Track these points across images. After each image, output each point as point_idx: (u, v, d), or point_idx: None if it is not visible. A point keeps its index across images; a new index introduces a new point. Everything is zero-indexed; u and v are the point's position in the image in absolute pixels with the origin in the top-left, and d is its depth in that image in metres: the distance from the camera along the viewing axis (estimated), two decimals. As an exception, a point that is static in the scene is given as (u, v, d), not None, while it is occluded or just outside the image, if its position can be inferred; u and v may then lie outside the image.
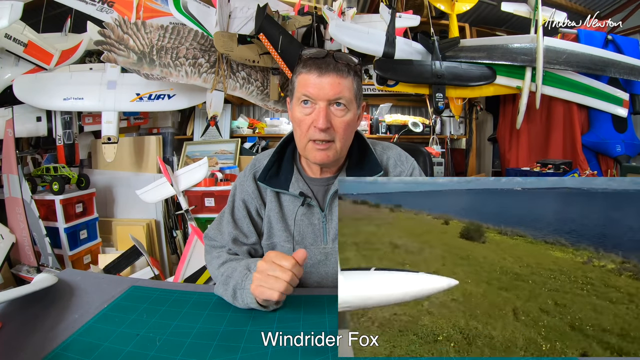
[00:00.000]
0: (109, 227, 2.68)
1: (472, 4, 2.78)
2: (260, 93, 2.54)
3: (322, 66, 0.78)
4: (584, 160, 2.73)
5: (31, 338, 0.62)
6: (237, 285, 0.73)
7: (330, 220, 0.87)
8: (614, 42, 2.73)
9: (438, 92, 2.52)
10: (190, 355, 0.57)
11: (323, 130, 0.78)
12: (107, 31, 2.18)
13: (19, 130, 2.36)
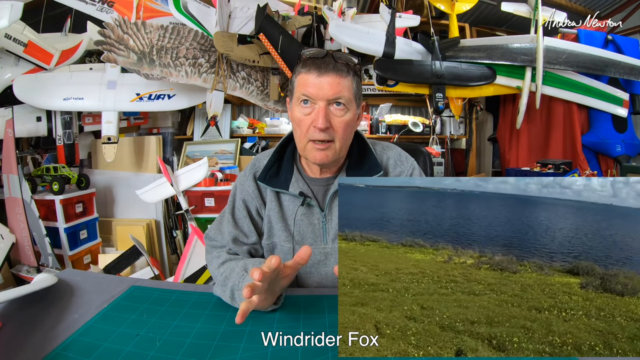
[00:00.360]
0: (109, 227, 2.68)
1: (472, 4, 2.78)
2: (260, 93, 2.54)
3: (321, 66, 0.78)
4: (584, 160, 2.73)
5: (31, 338, 0.62)
6: (235, 286, 0.73)
7: (330, 220, 0.87)
8: (614, 42, 2.73)
9: (438, 92, 2.52)
10: (190, 355, 0.57)
11: (322, 130, 0.78)
12: (107, 31, 2.18)
13: (19, 130, 2.36)
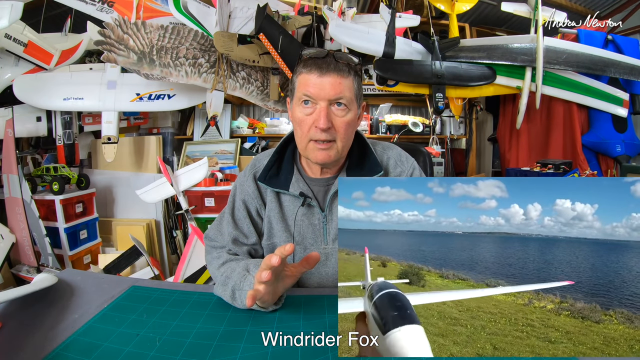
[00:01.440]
0: (109, 227, 2.68)
1: (472, 4, 2.78)
2: (260, 93, 2.54)
3: (322, 66, 0.78)
4: (584, 160, 2.73)
5: (31, 338, 0.62)
6: (236, 286, 0.73)
7: (330, 220, 0.87)
8: (614, 42, 2.73)
9: (438, 92, 2.52)
10: (190, 355, 0.57)
11: (324, 130, 0.78)
12: (107, 31, 2.18)
13: (19, 130, 2.36)
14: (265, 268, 0.63)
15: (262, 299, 0.67)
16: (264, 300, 0.68)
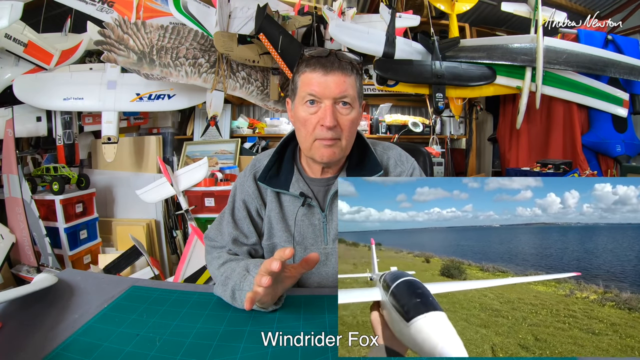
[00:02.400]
0: (109, 227, 2.68)
1: (472, 4, 2.78)
2: (260, 93, 2.54)
3: (326, 65, 0.78)
4: (584, 160, 2.73)
5: (31, 338, 0.62)
6: (236, 286, 0.73)
7: (330, 220, 0.87)
8: (614, 42, 2.73)
9: (438, 92, 2.52)
10: (190, 355, 0.57)
11: (330, 128, 0.78)
12: (107, 31, 2.18)
13: (19, 130, 2.36)
14: (265, 273, 0.63)
15: (262, 300, 0.67)
16: (263, 301, 0.68)
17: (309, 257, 0.68)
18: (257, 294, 0.64)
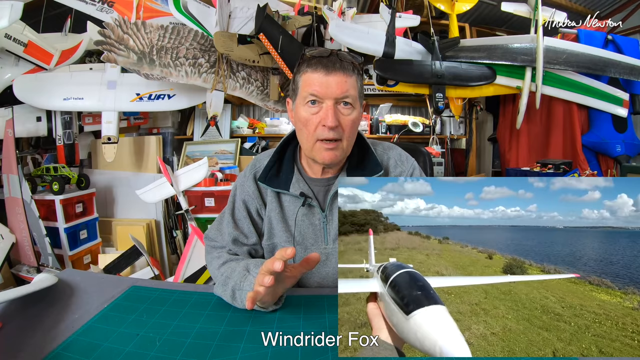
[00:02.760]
0: (109, 227, 2.68)
1: (472, 4, 2.78)
2: (260, 93, 2.54)
3: (328, 65, 0.78)
4: (584, 160, 2.73)
5: (31, 338, 0.62)
6: (236, 286, 0.73)
7: (330, 220, 0.87)
8: (614, 42, 2.73)
9: (438, 92, 2.52)
10: (190, 355, 0.57)
11: (332, 128, 0.78)
12: (107, 31, 2.18)
13: (19, 130, 2.36)
14: (266, 272, 0.63)
15: (262, 300, 0.67)
16: (264, 300, 0.68)
17: (309, 257, 0.68)
18: (258, 294, 0.64)
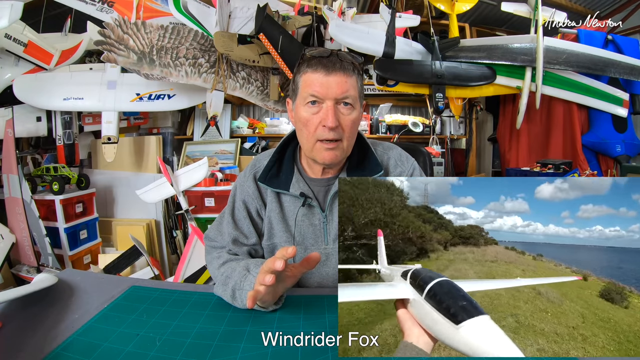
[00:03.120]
0: (109, 227, 2.68)
1: (472, 4, 2.78)
2: (260, 93, 2.54)
3: (328, 65, 0.78)
4: (584, 160, 2.73)
5: (31, 338, 0.62)
6: (236, 285, 0.73)
7: (331, 220, 0.87)
8: (614, 42, 2.73)
9: (438, 92, 2.52)
10: (190, 355, 0.57)
11: (332, 128, 0.78)
12: (107, 31, 2.18)
13: (19, 130, 2.36)
14: (267, 271, 0.63)
15: (263, 299, 0.67)
16: (264, 300, 0.68)
17: (310, 257, 0.68)
18: (259, 293, 0.64)
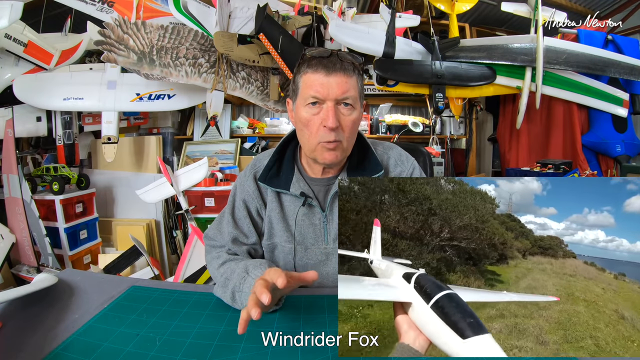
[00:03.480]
0: (109, 227, 2.68)
1: (472, 4, 2.78)
2: (260, 93, 2.54)
3: (328, 65, 0.77)
4: (584, 160, 2.73)
5: (31, 338, 0.62)
6: (236, 288, 0.73)
7: (331, 220, 0.87)
8: (614, 42, 2.73)
9: (438, 92, 2.52)
10: (190, 355, 0.57)
11: (333, 129, 0.78)
12: (107, 31, 2.18)
13: (19, 130, 2.36)
14: (253, 305, 0.58)
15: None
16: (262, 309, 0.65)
17: (307, 275, 0.65)
18: (249, 317, 0.59)
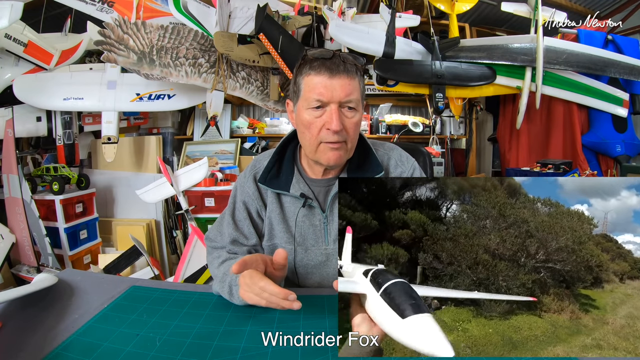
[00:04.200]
0: (109, 227, 2.68)
1: (472, 4, 2.78)
2: (260, 93, 2.54)
3: (332, 67, 0.77)
4: (584, 160, 2.73)
5: (31, 338, 0.62)
6: (233, 281, 0.74)
7: (331, 221, 0.87)
8: (614, 42, 2.73)
9: (438, 92, 2.52)
10: (190, 355, 0.57)
11: (337, 132, 0.78)
12: (107, 31, 2.18)
13: (19, 130, 2.36)
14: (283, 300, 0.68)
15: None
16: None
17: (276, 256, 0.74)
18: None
